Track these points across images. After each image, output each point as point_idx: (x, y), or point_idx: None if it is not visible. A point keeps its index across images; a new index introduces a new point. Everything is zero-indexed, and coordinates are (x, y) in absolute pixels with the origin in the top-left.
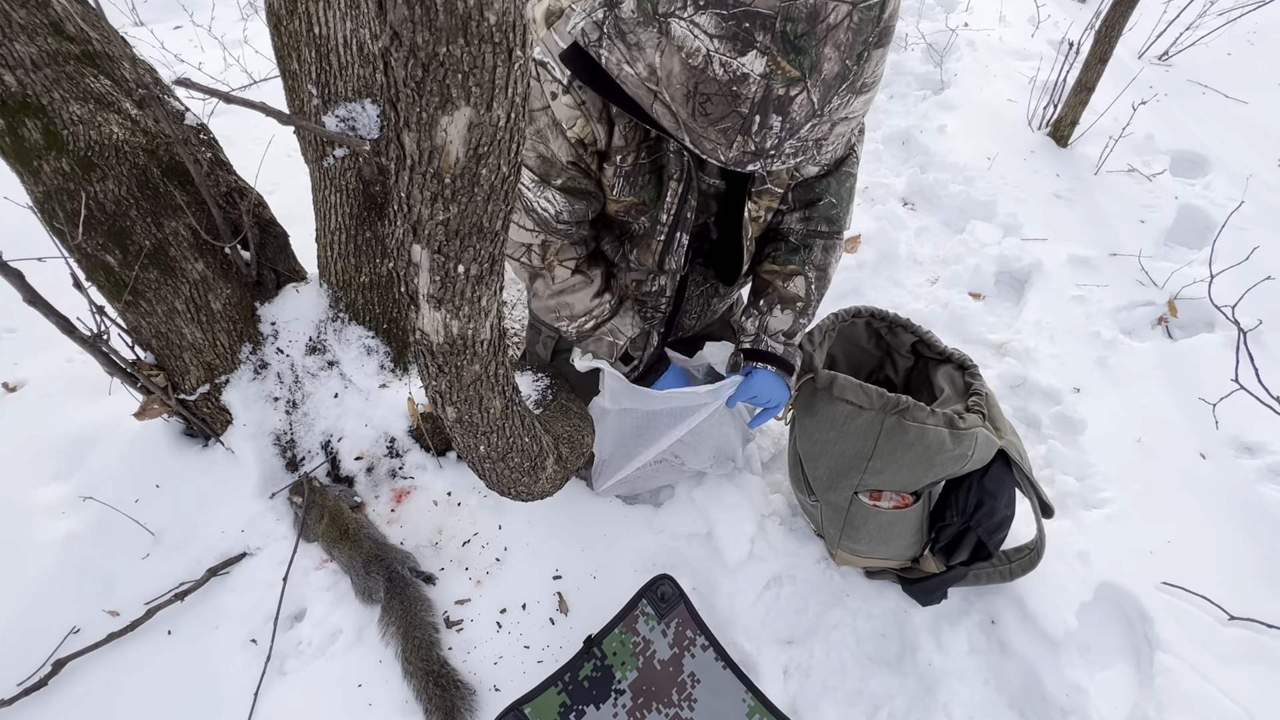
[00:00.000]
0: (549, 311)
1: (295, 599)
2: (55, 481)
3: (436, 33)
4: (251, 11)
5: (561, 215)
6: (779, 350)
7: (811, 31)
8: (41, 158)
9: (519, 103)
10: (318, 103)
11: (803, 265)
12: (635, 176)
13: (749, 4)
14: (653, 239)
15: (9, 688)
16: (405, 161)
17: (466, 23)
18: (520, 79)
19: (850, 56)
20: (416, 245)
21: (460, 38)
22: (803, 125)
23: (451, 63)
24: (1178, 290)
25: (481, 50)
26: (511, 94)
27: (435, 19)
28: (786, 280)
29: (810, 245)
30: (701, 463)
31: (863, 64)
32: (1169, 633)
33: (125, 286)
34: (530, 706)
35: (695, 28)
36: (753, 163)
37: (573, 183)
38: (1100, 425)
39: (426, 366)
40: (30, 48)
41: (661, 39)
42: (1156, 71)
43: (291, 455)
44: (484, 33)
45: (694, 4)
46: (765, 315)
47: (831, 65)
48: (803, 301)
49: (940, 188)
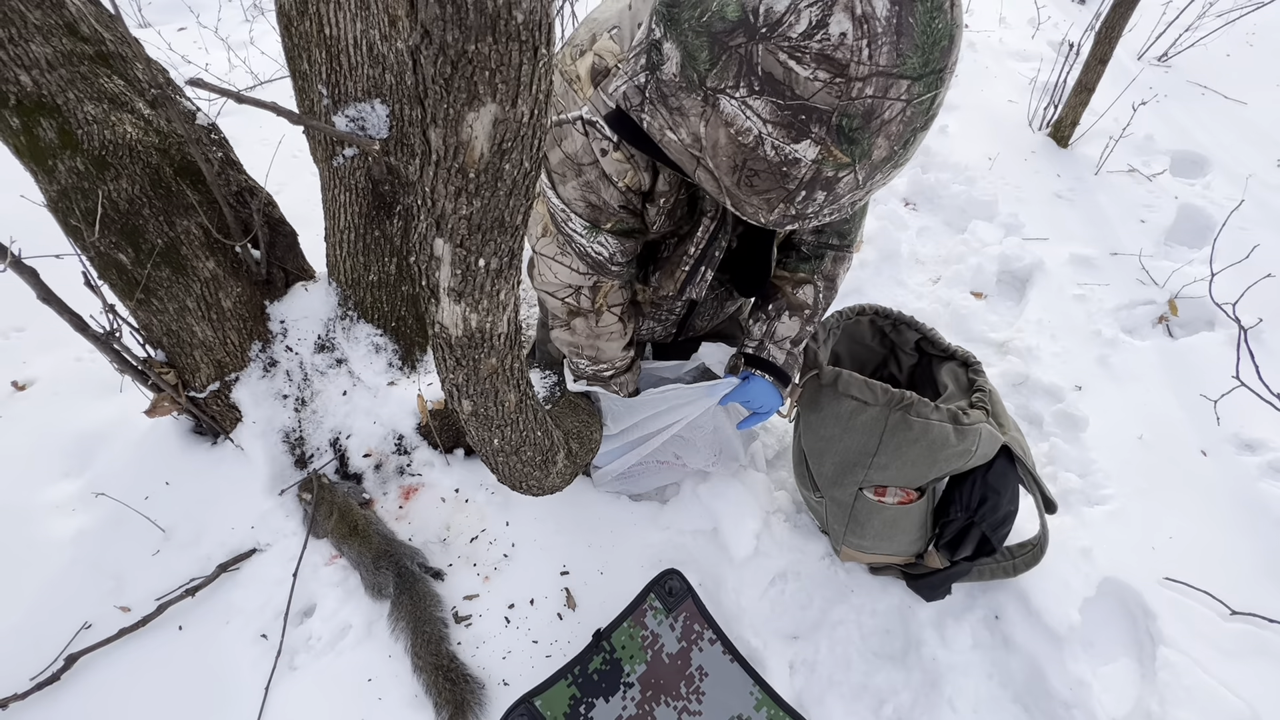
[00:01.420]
0: (572, 347)
1: (305, 595)
2: (65, 479)
3: (466, 31)
4: (257, 13)
5: (615, 257)
6: (780, 360)
7: (866, 126)
8: (56, 157)
9: (543, 99)
10: (328, 103)
11: (812, 274)
12: (674, 211)
13: (807, 99)
14: (677, 268)
15: (22, 682)
16: (431, 157)
17: (495, 21)
18: (544, 76)
19: (899, 144)
20: (439, 239)
21: (489, 35)
22: (844, 197)
23: (480, 60)
24: (1178, 289)
25: (509, 48)
26: (536, 91)
27: (466, 17)
28: (796, 288)
29: (821, 256)
30: (703, 461)
31: (909, 148)
32: (1171, 628)
33: (138, 284)
34: (541, 699)
35: (749, 109)
36: (791, 224)
37: (621, 224)
38: (1102, 423)
39: (444, 359)
40: (46, 48)
41: (708, 109)
42: (1156, 72)
43: (300, 452)
44: (512, 31)
45: (749, 88)
46: (773, 321)
47: (880, 152)
48: (810, 309)
49: (942, 188)
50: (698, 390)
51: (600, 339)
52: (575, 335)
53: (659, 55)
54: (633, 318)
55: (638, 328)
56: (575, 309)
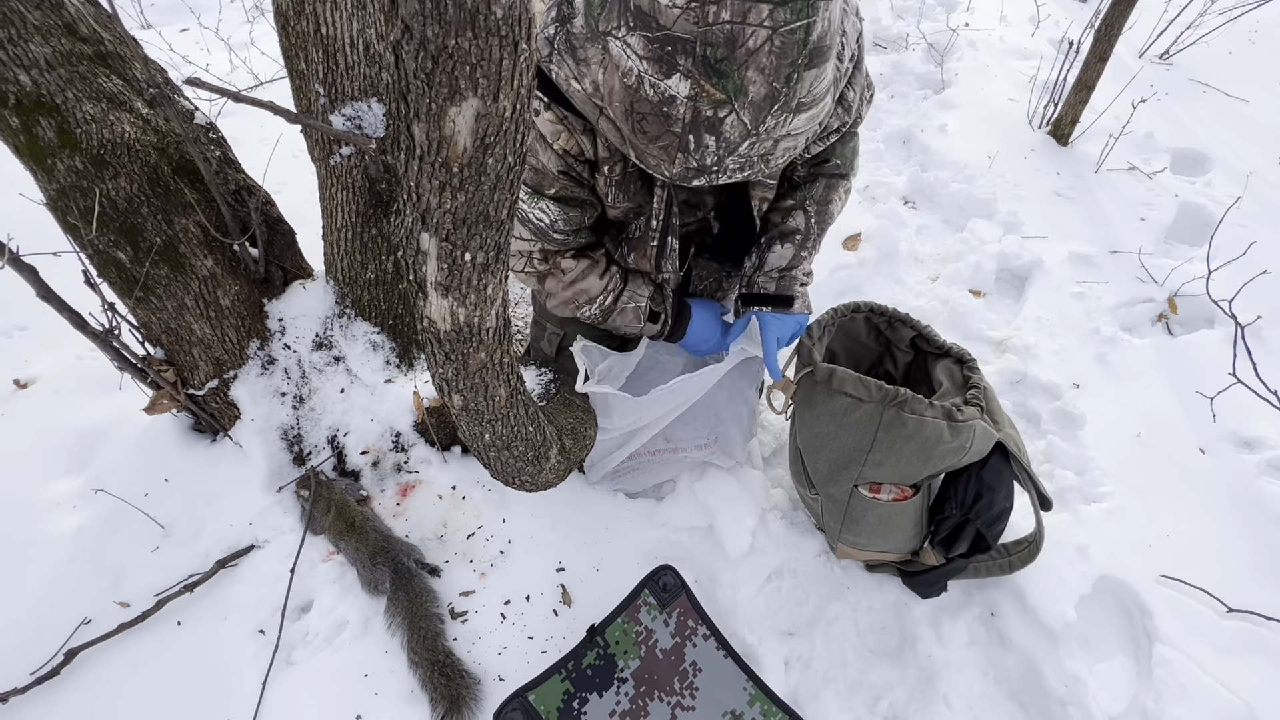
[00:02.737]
0: (568, 304)
1: (302, 591)
2: (66, 476)
3: (446, 26)
4: (258, 14)
5: (556, 224)
6: (770, 289)
7: (731, 56)
8: (55, 156)
9: (524, 94)
10: (325, 102)
11: (803, 201)
12: (626, 184)
13: (669, 28)
14: (647, 244)
15: (22, 676)
16: (415, 151)
17: (475, 16)
18: (526, 71)
19: (778, 79)
20: (425, 233)
21: (469, 30)
22: (739, 144)
23: (460, 55)
24: (1178, 287)
25: (489, 43)
26: (518, 86)
27: (445, 13)
28: (786, 216)
29: (814, 181)
30: (695, 439)
31: (794, 86)
32: (1168, 625)
33: (136, 282)
34: (534, 694)
35: (628, 48)
36: (697, 178)
37: (566, 192)
38: (1100, 420)
39: (434, 354)
40: (45, 48)
41: (605, 56)
42: (1157, 70)
43: (298, 450)
44: (491, 26)
45: (626, 25)
46: (764, 253)
47: (758, 88)
48: (801, 234)
49: (941, 186)
50: (704, 376)
51: (577, 282)
52: (557, 296)
53: (570, 8)
54: (595, 249)
55: (609, 253)
56: (537, 273)
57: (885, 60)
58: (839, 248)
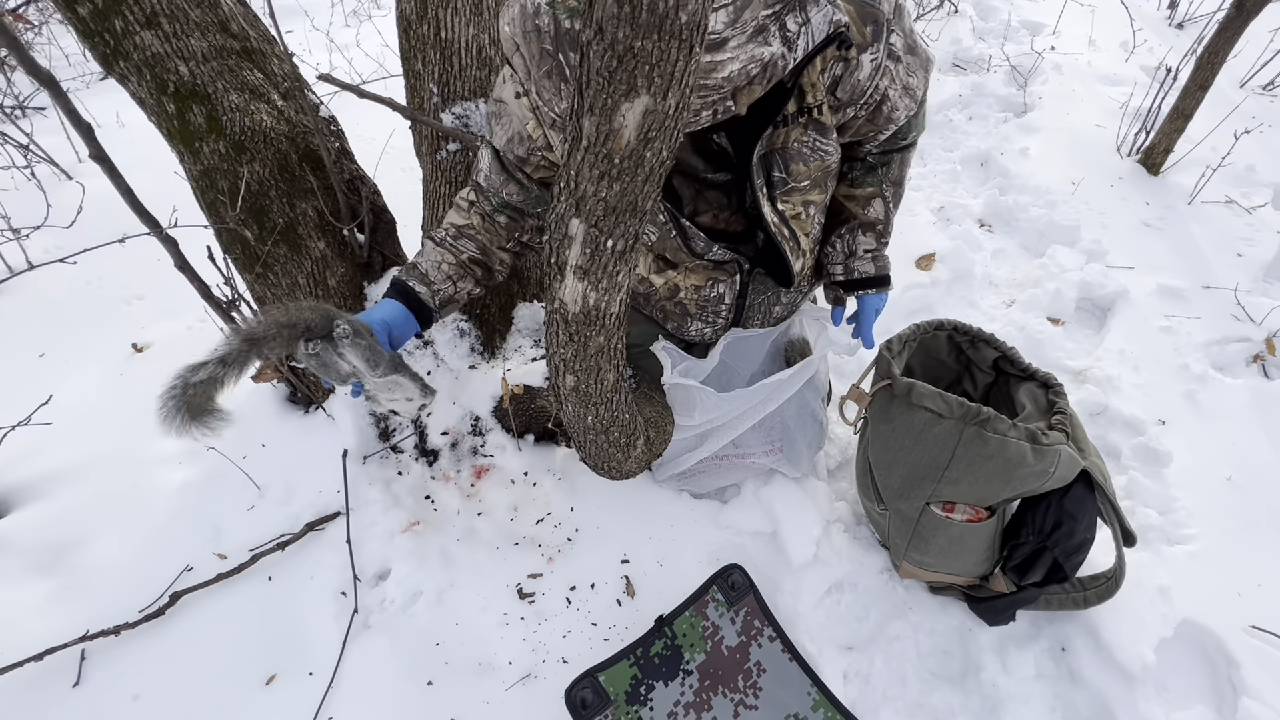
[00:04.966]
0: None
1: (380, 559)
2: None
3: (637, 29)
4: (364, 17)
5: (490, 176)
6: (871, 271)
7: None
8: (203, 140)
9: (687, 93)
10: (437, 100)
11: (879, 184)
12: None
13: None
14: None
15: (132, 613)
16: (581, 142)
17: (663, 20)
18: (693, 72)
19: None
20: (575, 219)
21: (655, 34)
22: None
23: (643, 55)
24: (1277, 328)
25: (669, 45)
26: (683, 85)
27: (639, 17)
28: (865, 205)
29: (888, 163)
30: (761, 445)
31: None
32: (1256, 678)
33: (258, 259)
34: (604, 675)
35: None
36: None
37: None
38: (1186, 460)
39: (558, 334)
40: (202, 43)
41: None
42: (1260, 101)
43: (384, 426)
44: (675, 30)
45: None
46: (851, 240)
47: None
48: (882, 223)
49: (1020, 210)
50: (784, 378)
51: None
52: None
53: None
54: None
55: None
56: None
57: (965, 81)
58: (911, 266)
